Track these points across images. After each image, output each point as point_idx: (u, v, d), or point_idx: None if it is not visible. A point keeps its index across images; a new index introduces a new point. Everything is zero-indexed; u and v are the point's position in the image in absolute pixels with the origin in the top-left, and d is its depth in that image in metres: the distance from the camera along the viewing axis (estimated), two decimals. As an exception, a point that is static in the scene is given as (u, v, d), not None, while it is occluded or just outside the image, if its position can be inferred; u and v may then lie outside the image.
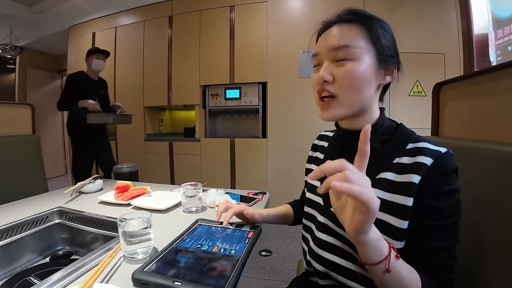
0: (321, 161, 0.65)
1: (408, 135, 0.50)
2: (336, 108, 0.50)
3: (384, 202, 0.46)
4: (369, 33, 0.49)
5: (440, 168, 0.43)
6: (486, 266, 0.51)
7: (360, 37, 0.49)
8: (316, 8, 2.46)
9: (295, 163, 2.57)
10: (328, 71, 0.50)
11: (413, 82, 2.35)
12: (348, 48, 0.48)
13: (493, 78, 0.61)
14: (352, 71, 0.48)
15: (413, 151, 0.47)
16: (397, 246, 0.45)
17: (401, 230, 0.44)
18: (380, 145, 0.51)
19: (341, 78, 0.49)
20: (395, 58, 0.52)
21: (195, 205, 0.87)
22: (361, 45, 0.48)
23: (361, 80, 0.48)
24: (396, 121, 0.55)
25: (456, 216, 0.44)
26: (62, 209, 0.89)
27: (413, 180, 0.44)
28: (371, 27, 0.49)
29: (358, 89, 0.48)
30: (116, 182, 1.07)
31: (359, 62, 0.48)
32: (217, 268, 0.49)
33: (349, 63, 0.48)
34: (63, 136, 4.80)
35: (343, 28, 0.50)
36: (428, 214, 0.43)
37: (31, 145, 1.37)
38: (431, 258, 0.43)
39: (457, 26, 2.22)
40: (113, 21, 3.28)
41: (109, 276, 0.51)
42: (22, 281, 0.68)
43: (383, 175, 0.48)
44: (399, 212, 0.45)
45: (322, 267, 0.55)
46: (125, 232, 0.56)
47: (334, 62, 0.50)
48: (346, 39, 0.49)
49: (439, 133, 0.85)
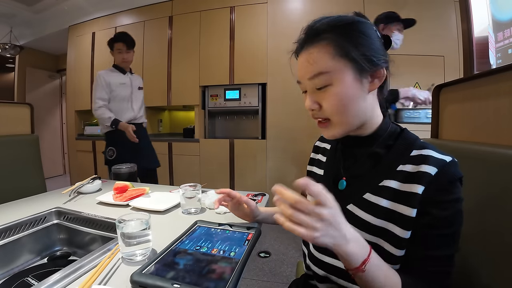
0: (323, 163, 0.64)
1: (412, 140, 0.49)
2: (334, 129, 0.50)
3: (387, 211, 0.46)
4: (339, 50, 0.46)
5: (445, 178, 0.42)
6: (487, 270, 0.51)
7: (331, 57, 0.46)
8: (316, 10, 2.46)
9: (294, 164, 2.57)
10: (312, 100, 0.49)
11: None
12: (322, 75, 0.46)
13: (493, 80, 0.61)
14: (334, 96, 0.47)
15: (418, 159, 0.45)
16: (398, 254, 0.45)
17: (403, 239, 0.44)
18: (383, 150, 0.50)
19: (326, 105, 0.48)
20: (380, 58, 0.47)
21: (194, 206, 0.86)
22: (335, 65, 0.46)
23: (346, 101, 0.47)
24: (400, 125, 0.54)
25: (457, 225, 0.43)
26: (60, 209, 0.88)
27: (416, 190, 0.43)
28: (340, 41, 0.46)
29: (347, 109, 0.47)
30: (115, 182, 1.07)
31: (339, 83, 0.46)
32: (216, 271, 0.49)
33: (330, 88, 0.47)
34: (62, 136, 4.78)
35: (312, 52, 0.47)
36: (430, 223, 0.43)
37: (29, 145, 1.36)
38: (430, 266, 0.43)
39: (457, 29, 2.23)
40: (113, 21, 3.28)
41: (108, 278, 0.51)
42: (19, 282, 0.67)
43: (386, 183, 0.47)
44: (402, 222, 0.44)
45: (322, 271, 0.54)
46: (123, 234, 0.55)
47: (316, 89, 0.49)
48: (318, 66, 0.47)
49: (438, 135, 0.85)
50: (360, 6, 2.37)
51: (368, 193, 0.49)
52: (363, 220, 0.48)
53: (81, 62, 3.49)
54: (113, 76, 1.89)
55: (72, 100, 3.60)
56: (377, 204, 0.47)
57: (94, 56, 3.38)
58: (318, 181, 0.61)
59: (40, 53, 4.37)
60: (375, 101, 0.51)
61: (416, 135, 0.51)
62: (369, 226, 0.47)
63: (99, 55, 3.36)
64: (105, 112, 1.80)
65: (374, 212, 0.47)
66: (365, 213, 0.48)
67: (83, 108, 3.51)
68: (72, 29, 3.55)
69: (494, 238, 0.50)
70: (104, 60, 3.29)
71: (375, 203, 0.47)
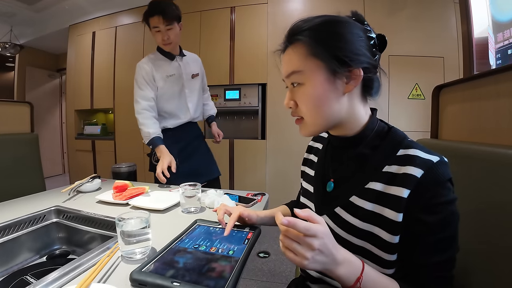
0: (315, 164, 0.63)
1: (400, 140, 0.47)
2: (306, 128, 0.51)
3: (373, 214, 0.45)
4: (313, 50, 0.46)
5: (431, 180, 0.40)
6: (487, 270, 0.51)
7: (304, 57, 0.47)
8: (316, 10, 2.46)
9: (294, 164, 2.57)
10: (289, 97, 0.51)
11: (412, 85, 2.36)
12: (295, 74, 0.48)
13: (492, 81, 0.61)
14: (306, 95, 0.48)
15: (403, 159, 0.44)
16: (388, 258, 0.44)
17: (392, 244, 0.43)
18: (369, 151, 0.49)
19: (300, 103, 0.50)
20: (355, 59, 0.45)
21: (194, 205, 0.86)
22: (307, 65, 0.47)
23: (317, 101, 0.47)
24: (388, 124, 0.52)
25: (451, 228, 0.41)
26: (60, 208, 0.88)
27: (401, 194, 0.41)
28: (314, 41, 0.46)
29: (318, 109, 0.48)
30: (114, 181, 1.07)
31: (310, 83, 0.47)
32: (216, 269, 0.49)
33: (302, 87, 0.48)
34: (61, 135, 4.78)
35: (289, 52, 0.49)
36: (420, 229, 0.41)
37: (29, 144, 1.36)
38: (427, 272, 0.42)
39: (457, 30, 2.23)
40: (114, 20, 3.27)
41: (107, 276, 0.51)
42: (18, 280, 0.67)
43: (371, 185, 0.46)
44: (388, 226, 0.43)
45: (315, 272, 0.55)
46: (123, 232, 0.55)
47: (293, 88, 0.50)
48: (292, 64, 0.48)
49: (438, 135, 0.85)
50: (360, 6, 2.37)
51: (355, 195, 0.48)
52: (350, 224, 0.48)
53: (81, 62, 3.48)
54: (157, 66, 1.35)
55: (72, 99, 3.59)
56: (363, 208, 0.46)
57: (94, 55, 3.38)
58: (309, 182, 0.61)
59: (40, 52, 4.36)
60: (355, 101, 0.49)
61: (405, 134, 0.49)
62: (356, 230, 0.47)
63: (99, 55, 3.35)
64: (146, 123, 1.27)
65: (360, 216, 0.47)
66: (352, 217, 0.48)
67: (83, 107, 3.50)
68: (72, 28, 3.55)
69: (494, 239, 0.50)
70: (105, 59, 3.29)
71: (361, 206, 0.47)
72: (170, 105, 1.38)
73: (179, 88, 1.40)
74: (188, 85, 1.43)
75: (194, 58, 1.52)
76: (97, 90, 3.37)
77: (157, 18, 1.26)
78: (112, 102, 3.28)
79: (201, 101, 1.55)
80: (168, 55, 1.37)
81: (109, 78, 3.27)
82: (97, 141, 3.37)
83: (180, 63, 1.41)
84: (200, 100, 1.53)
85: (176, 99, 1.40)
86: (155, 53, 1.39)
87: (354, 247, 0.46)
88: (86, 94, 3.42)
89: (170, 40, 1.30)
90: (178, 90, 1.40)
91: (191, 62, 1.48)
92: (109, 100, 3.29)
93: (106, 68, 3.28)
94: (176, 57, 1.39)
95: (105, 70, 3.29)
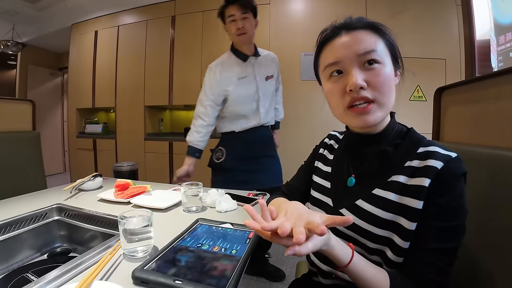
0: (329, 161, 0.65)
1: (419, 139, 0.51)
2: (376, 112, 0.49)
3: (396, 205, 0.47)
4: (383, 39, 0.51)
5: (450, 172, 0.44)
6: (489, 271, 0.51)
7: (377, 40, 0.50)
8: (318, 11, 2.46)
9: (295, 165, 2.55)
10: (361, 77, 0.48)
11: (413, 87, 2.36)
12: (375, 52, 0.49)
13: (494, 83, 0.61)
14: (385, 74, 0.49)
15: (424, 155, 0.47)
16: (404, 246, 0.46)
17: (410, 231, 0.45)
18: (391, 148, 0.52)
19: (375, 82, 0.48)
20: (401, 61, 0.54)
21: (195, 204, 0.86)
22: (382, 49, 0.50)
23: (392, 82, 0.50)
24: (406, 126, 0.56)
25: (458, 220, 0.44)
26: (61, 206, 0.88)
27: (424, 183, 0.45)
28: (383, 33, 0.51)
29: (391, 91, 0.50)
30: (116, 180, 1.07)
31: (386, 65, 0.49)
32: (218, 268, 0.49)
33: (379, 66, 0.49)
34: (63, 133, 4.79)
35: (362, 34, 0.50)
36: (434, 215, 0.44)
37: (31, 142, 1.36)
38: (425, 257, 0.44)
39: (459, 32, 2.23)
40: (116, 19, 3.28)
41: (109, 273, 0.51)
42: (19, 278, 0.67)
43: (395, 178, 0.49)
44: (409, 214, 0.46)
45: (326, 267, 0.55)
46: (125, 230, 0.55)
47: (362, 67, 0.49)
48: (370, 44, 0.49)
49: (440, 137, 0.85)
50: (363, 7, 2.37)
51: (377, 188, 0.51)
52: (373, 214, 0.50)
53: (83, 61, 3.49)
54: (228, 68, 1.28)
55: (73, 98, 3.60)
56: (386, 198, 0.49)
57: (96, 54, 3.39)
58: (325, 178, 0.63)
59: (42, 51, 4.37)
60: None
61: (422, 135, 0.53)
62: (379, 220, 0.49)
63: (101, 54, 3.36)
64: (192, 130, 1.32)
65: (383, 206, 0.49)
66: (375, 208, 0.50)
67: (84, 106, 3.51)
68: (74, 27, 3.56)
69: (496, 240, 0.50)
70: (107, 58, 3.30)
71: (384, 197, 0.49)
72: (241, 108, 1.32)
73: (252, 91, 1.32)
74: (262, 87, 1.33)
75: (270, 57, 1.42)
76: (99, 89, 3.38)
77: (233, 6, 1.24)
78: (113, 101, 3.28)
79: (273, 105, 1.45)
80: (241, 56, 1.30)
81: (110, 77, 3.28)
82: (98, 139, 3.37)
83: (254, 64, 1.33)
84: (272, 104, 1.43)
85: (247, 102, 1.32)
86: (229, 53, 1.33)
87: (376, 237, 0.49)
88: (88, 93, 3.42)
89: (245, 30, 1.24)
90: (251, 93, 1.32)
91: (266, 62, 1.38)
92: (111, 99, 3.29)
93: (108, 67, 3.29)
94: (249, 57, 1.32)
95: (107, 69, 3.30)
